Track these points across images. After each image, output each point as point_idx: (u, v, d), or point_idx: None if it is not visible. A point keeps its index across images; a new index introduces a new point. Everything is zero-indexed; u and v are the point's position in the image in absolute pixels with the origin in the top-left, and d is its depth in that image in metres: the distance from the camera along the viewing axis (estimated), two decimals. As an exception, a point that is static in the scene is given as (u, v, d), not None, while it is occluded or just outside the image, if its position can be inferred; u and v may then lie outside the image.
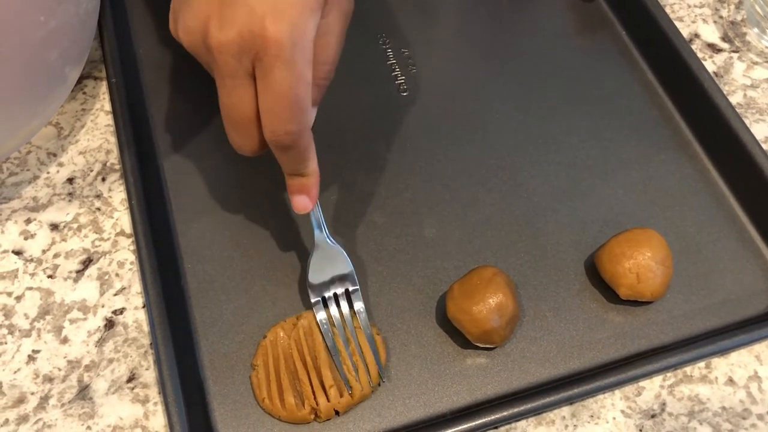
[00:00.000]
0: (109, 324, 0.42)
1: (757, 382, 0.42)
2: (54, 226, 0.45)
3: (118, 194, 0.46)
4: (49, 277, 0.43)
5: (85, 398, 0.40)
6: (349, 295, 0.42)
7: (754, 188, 0.47)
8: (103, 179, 0.47)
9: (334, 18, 0.37)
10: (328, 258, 0.41)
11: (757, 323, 0.42)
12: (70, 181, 0.46)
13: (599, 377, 0.40)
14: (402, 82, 0.52)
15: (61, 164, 0.47)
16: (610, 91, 0.52)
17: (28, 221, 0.45)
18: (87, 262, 0.44)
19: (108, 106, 0.49)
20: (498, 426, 0.39)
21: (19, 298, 0.42)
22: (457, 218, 0.46)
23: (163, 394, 0.38)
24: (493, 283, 0.40)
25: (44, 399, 0.39)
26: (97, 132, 0.48)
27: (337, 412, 0.39)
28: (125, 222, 0.45)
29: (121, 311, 0.42)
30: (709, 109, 0.49)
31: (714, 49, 0.55)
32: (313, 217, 0.41)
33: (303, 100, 0.33)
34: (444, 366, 0.41)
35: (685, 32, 0.55)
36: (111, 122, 0.48)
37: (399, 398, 0.40)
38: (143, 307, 0.42)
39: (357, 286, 0.42)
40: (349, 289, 0.42)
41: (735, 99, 0.52)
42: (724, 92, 0.49)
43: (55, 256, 0.44)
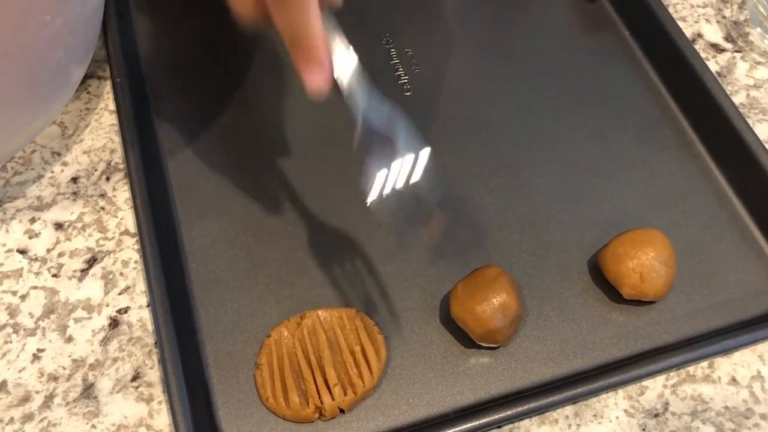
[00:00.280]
0: (114, 323, 0.42)
1: (760, 382, 0.42)
2: (58, 226, 0.45)
3: (122, 193, 0.46)
4: (54, 276, 0.43)
5: (89, 397, 0.40)
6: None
7: (757, 188, 0.47)
8: (108, 178, 0.47)
9: None
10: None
11: (760, 323, 0.42)
12: (75, 180, 0.46)
13: (602, 377, 0.40)
14: (405, 82, 0.52)
15: (65, 163, 0.47)
16: (613, 90, 0.52)
17: (33, 220, 0.45)
18: (91, 262, 0.44)
19: (112, 106, 0.49)
20: (501, 425, 0.39)
21: (23, 297, 0.42)
22: (461, 218, 0.46)
23: (167, 393, 0.38)
24: (496, 283, 0.40)
25: (49, 398, 0.40)
26: (102, 131, 0.48)
27: (342, 411, 0.39)
28: (129, 221, 0.45)
29: (126, 310, 0.42)
30: (712, 109, 0.49)
31: (717, 49, 0.55)
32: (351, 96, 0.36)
33: None
34: (447, 365, 0.41)
35: (688, 32, 0.55)
36: (115, 121, 0.49)
37: (403, 397, 0.40)
38: (147, 306, 0.42)
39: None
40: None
41: (738, 99, 0.52)
42: (727, 92, 0.49)
43: (60, 255, 0.44)
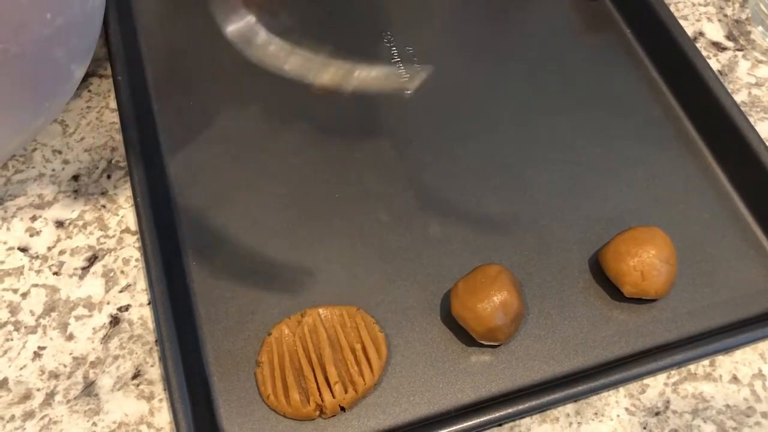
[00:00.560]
0: (115, 321, 0.42)
1: (761, 380, 0.42)
2: (59, 224, 0.45)
3: (123, 191, 0.46)
4: (55, 274, 0.43)
5: (90, 395, 0.40)
6: None
7: (759, 186, 0.47)
8: (109, 176, 0.47)
9: None
10: None
11: (762, 321, 0.42)
12: (76, 178, 0.46)
13: (603, 375, 0.40)
14: (406, 80, 0.52)
15: (66, 161, 0.47)
16: (615, 89, 0.52)
17: (34, 218, 0.45)
18: (92, 259, 0.44)
19: (113, 104, 0.49)
20: (502, 423, 0.39)
21: (24, 295, 0.42)
22: (462, 216, 0.46)
23: (168, 391, 0.38)
24: (497, 281, 0.40)
25: (50, 395, 0.40)
26: (103, 129, 0.48)
27: (343, 408, 0.39)
28: (130, 219, 0.45)
29: (127, 308, 0.42)
30: (714, 107, 0.49)
31: (718, 47, 0.55)
32: None
33: None
34: (448, 363, 0.41)
35: (690, 30, 0.55)
36: (116, 120, 0.49)
37: (403, 395, 0.40)
38: (148, 304, 0.42)
39: None
40: None
41: (739, 97, 0.52)
42: (729, 90, 0.49)
43: (61, 253, 0.44)
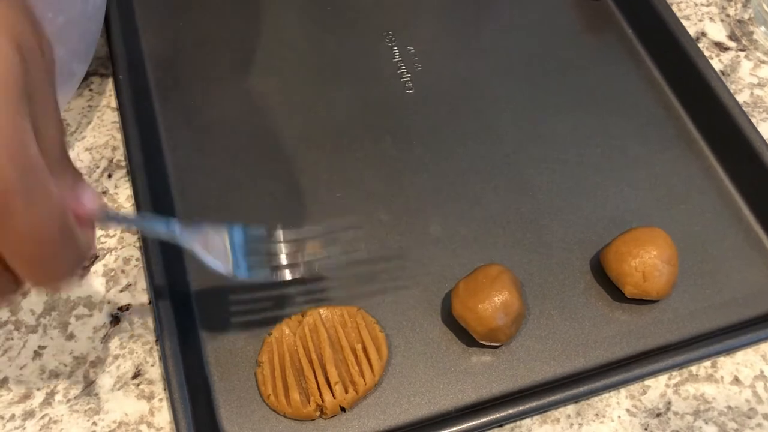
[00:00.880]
0: (115, 320, 0.42)
1: (763, 382, 0.41)
2: (60, 223, 0.45)
3: (124, 191, 0.46)
4: (55, 273, 0.43)
5: (90, 394, 0.40)
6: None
7: (761, 187, 0.46)
8: (110, 176, 0.47)
9: (42, 93, 0.25)
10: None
11: (764, 322, 0.42)
12: (77, 177, 0.46)
13: (604, 376, 0.40)
14: (408, 80, 0.51)
15: (67, 161, 0.47)
16: (616, 89, 0.52)
17: (35, 217, 0.45)
18: (93, 259, 0.44)
19: (114, 103, 0.49)
20: (503, 424, 0.39)
21: (24, 294, 0.42)
22: (463, 216, 0.46)
23: (168, 391, 0.38)
24: (498, 281, 0.40)
25: (50, 394, 0.40)
26: (104, 129, 0.48)
27: (343, 409, 0.39)
28: (131, 218, 0.45)
29: (127, 308, 0.42)
30: (716, 107, 0.48)
31: (721, 47, 0.55)
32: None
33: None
34: (449, 364, 0.41)
35: (692, 30, 0.55)
36: (117, 119, 0.49)
37: (404, 396, 0.40)
38: (149, 304, 0.42)
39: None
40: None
41: (742, 98, 0.52)
42: (731, 91, 0.49)
43: (61, 252, 0.44)
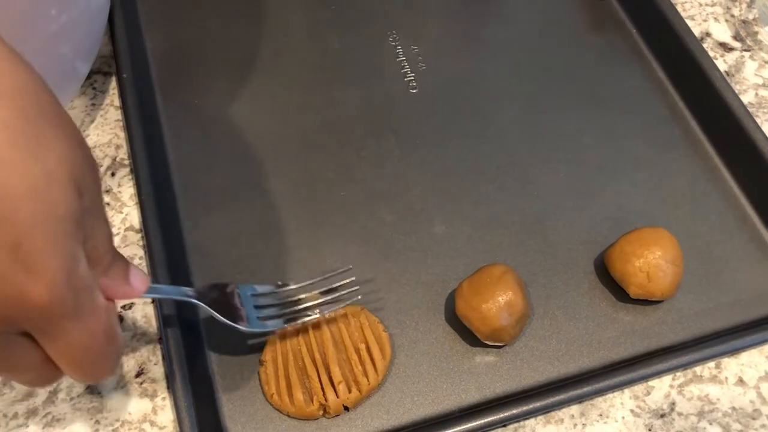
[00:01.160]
0: (118, 319, 0.42)
1: (767, 383, 0.41)
2: (63, 221, 0.45)
3: (127, 189, 0.46)
4: (59, 271, 0.43)
5: (93, 392, 0.40)
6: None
7: (766, 188, 0.46)
8: (113, 174, 0.47)
9: (92, 207, 0.27)
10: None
11: (768, 323, 0.42)
12: (80, 175, 0.46)
13: (608, 376, 0.40)
14: (411, 79, 0.51)
15: (70, 159, 0.47)
16: (621, 89, 0.52)
17: (38, 215, 0.45)
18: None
19: (117, 102, 0.49)
20: (507, 424, 0.39)
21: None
22: (467, 216, 0.46)
23: (171, 389, 0.38)
24: (502, 281, 0.40)
25: (53, 393, 0.39)
26: (107, 127, 0.48)
27: (347, 408, 0.39)
28: (134, 217, 0.45)
29: (130, 306, 0.42)
30: (721, 108, 0.48)
31: (725, 47, 0.55)
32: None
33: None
34: (453, 363, 0.41)
35: (697, 31, 0.55)
36: (120, 117, 0.48)
37: (407, 395, 0.40)
38: (152, 302, 0.42)
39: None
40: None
41: (746, 98, 0.52)
42: (736, 91, 0.49)
43: (65, 250, 0.44)
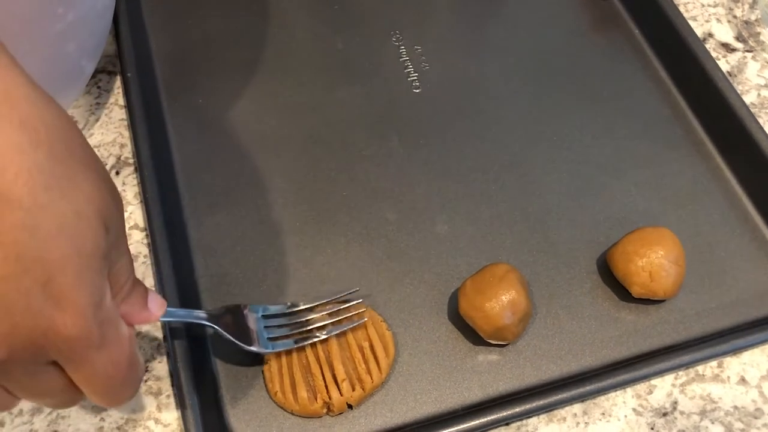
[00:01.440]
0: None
1: (769, 382, 0.42)
2: (68, 219, 0.45)
3: (131, 188, 0.46)
4: (63, 269, 0.43)
5: (98, 390, 0.40)
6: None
7: (767, 187, 0.47)
8: (117, 173, 0.47)
9: (117, 242, 0.28)
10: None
11: (770, 323, 0.42)
12: (85, 174, 0.47)
13: (611, 375, 0.40)
14: (415, 79, 0.52)
15: (75, 157, 0.47)
16: (623, 89, 0.52)
17: (43, 214, 0.45)
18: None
19: (122, 101, 0.49)
20: (509, 422, 0.39)
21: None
22: (470, 215, 0.46)
23: (176, 387, 0.38)
24: (505, 280, 0.40)
25: (58, 390, 0.40)
26: (112, 126, 0.49)
27: (350, 406, 0.39)
28: (139, 216, 0.45)
29: (135, 304, 0.42)
30: (723, 108, 0.49)
31: (728, 48, 0.55)
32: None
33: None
34: (456, 362, 0.41)
35: (699, 31, 0.55)
36: (125, 116, 0.49)
37: (411, 393, 0.40)
38: (156, 300, 0.42)
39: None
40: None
41: (749, 99, 0.52)
42: (738, 91, 0.49)
43: (69, 248, 0.44)
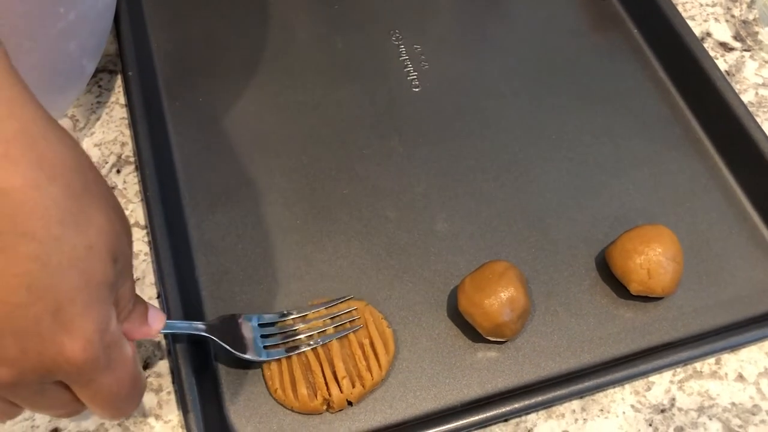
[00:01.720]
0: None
1: (767, 379, 0.42)
2: (69, 217, 0.45)
3: (132, 186, 0.46)
4: (65, 267, 0.43)
5: (99, 387, 0.40)
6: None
7: (765, 186, 0.47)
8: (118, 171, 0.47)
9: (124, 268, 0.29)
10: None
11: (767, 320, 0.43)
12: (86, 172, 0.47)
13: (609, 372, 0.40)
14: (414, 78, 0.52)
15: (76, 156, 0.47)
16: (622, 88, 0.52)
17: (44, 212, 0.45)
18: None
19: (123, 99, 0.50)
20: (508, 419, 0.39)
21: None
22: (469, 213, 0.46)
23: (177, 384, 0.39)
24: (504, 278, 0.40)
25: (59, 387, 0.40)
26: (113, 124, 0.49)
27: (350, 403, 0.39)
28: (140, 214, 0.45)
29: (136, 302, 0.42)
30: (721, 107, 0.49)
31: (726, 47, 0.55)
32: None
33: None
34: (455, 359, 0.41)
35: (697, 31, 0.55)
36: (126, 115, 0.49)
37: (410, 390, 0.40)
38: (157, 298, 0.42)
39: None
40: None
41: (746, 98, 0.52)
42: (736, 90, 0.49)
43: (71, 246, 0.44)
